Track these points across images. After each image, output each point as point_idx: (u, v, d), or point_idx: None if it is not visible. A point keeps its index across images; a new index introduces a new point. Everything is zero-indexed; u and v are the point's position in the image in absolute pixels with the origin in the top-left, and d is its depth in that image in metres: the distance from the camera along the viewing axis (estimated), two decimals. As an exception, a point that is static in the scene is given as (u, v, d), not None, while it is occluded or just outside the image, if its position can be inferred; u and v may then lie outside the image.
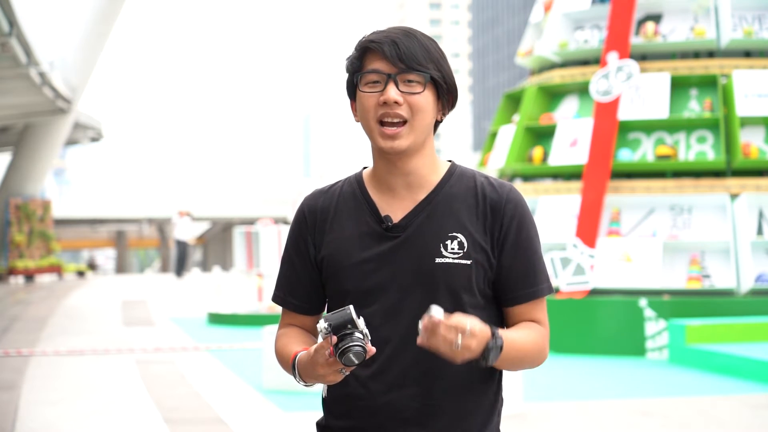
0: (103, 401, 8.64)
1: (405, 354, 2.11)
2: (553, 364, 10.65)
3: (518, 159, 12.76)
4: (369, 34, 2.18)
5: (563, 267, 11.56)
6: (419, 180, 2.18)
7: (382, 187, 2.19)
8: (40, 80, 25.46)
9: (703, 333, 10.48)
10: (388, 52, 2.11)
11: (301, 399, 8.34)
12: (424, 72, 2.11)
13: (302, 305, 2.26)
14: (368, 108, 2.14)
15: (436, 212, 2.15)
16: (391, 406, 2.12)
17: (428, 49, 2.14)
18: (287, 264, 2.27)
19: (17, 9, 19.87)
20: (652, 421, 7.62)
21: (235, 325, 15.26)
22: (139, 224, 67.73)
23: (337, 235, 2.18)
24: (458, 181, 2.19)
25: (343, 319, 1.95)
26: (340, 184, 2.27)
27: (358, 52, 2.17)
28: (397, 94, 2.11)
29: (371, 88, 2.14)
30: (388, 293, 2.12)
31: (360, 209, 2.19)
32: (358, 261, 2.14)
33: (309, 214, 2.23)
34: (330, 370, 1.99)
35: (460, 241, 2.13)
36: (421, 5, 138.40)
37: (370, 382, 2.13)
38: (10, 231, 30.83)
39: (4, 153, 39.41)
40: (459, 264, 2.12)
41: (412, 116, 2.12)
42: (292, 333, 2.25)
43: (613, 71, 12.11)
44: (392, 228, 2.15)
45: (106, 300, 21.43)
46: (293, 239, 2.26)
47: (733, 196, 11.67)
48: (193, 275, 32.10)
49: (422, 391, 2.12)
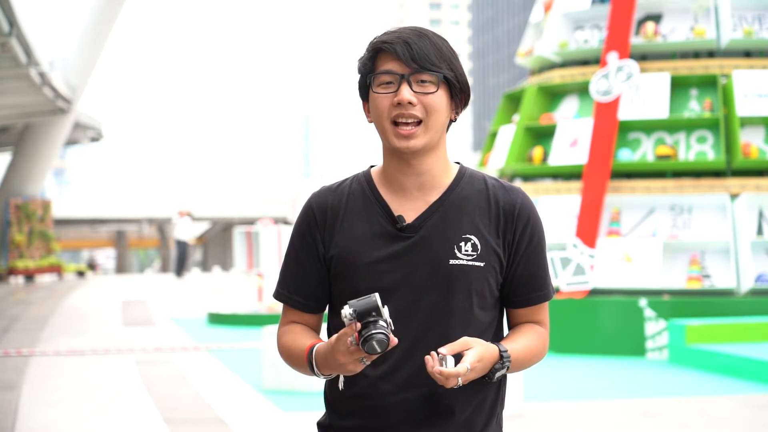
0: (103, 401, 8.64)
1: (415, 355, 2.11)
2: (553, 364, 10.65)
3: (518, 159, 12.76)
4: (380, 35, 2.17)
5: (563, 267, 11.55)
6: (432, 180, 2.17)
7: (393, 186, 2.18)
8: (40, 80, 25.46)
9: (703, 333, 10.47)
10: (401, 52, 2.10)
11: (301, 399, 8.34)
12: (437, 72, 2.11)
13: (308, 303, 2.24)
14: (382, 109, 2.13)
15: (449, 214, 2.15)
16: (400, 407, 2.12)
17: (440, 48, 2.14)
18: (293, 261, 2.24)
19: (17, 9, 19.87)
20: (652, 421, 7.62)
21: (235, 325, 15.26)
22: (139, 224, 67.74)
23: (348, 234, 2.17)
24: (469, 183, 2.20)
25: (368, 305, 1.93)
26: (348, 181, 2.25)
27: (369, 53, 2.16)
28: (411, 94, 2.10)
29: (384, 89, 2.13)
30: (400, 294, 2.12)
31: (371, 208, 2.18)
32: (371, 261, 2.13)
33: (318, 212, 2.21)
34: (351, 358, 1.97)
35: (473, 243, 2.14)
36: (421, 5, 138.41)
37: (380, 383, 2.12)
38: (10, 231, 30.84)
39: (4, 153, 39.41)
40: (473, 266, 2.13)
41: (426, 116, 2.12)
42: (298, 329, 2.23)
43: (613, 71, 12.11)
44: (406, 228, 2.14)
45: (106, 300, 21.43)
46: (300, 236, 2.23)
47: (733, 196, 11.67)
48: (193, 275, 32.11)
49: (431, 392, 2.12)
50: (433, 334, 2.11)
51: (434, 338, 2.11)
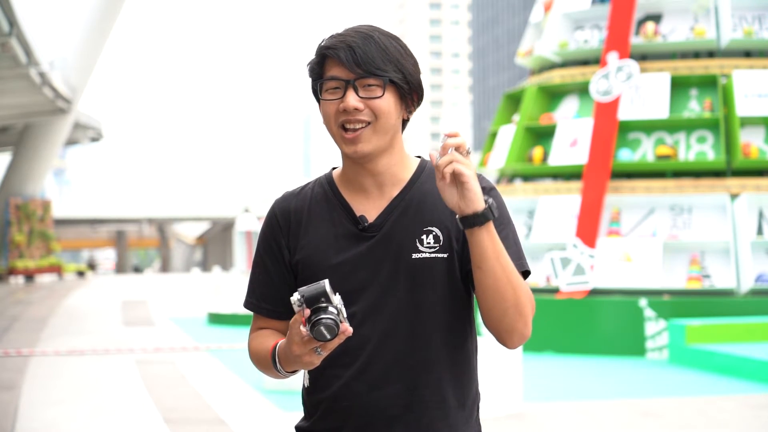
0: (103, 401, 8.64)
1: (386, 352, 2.10)
2: (553, 364, 10.65)
3: (518, 159, 12.76)
4: (327, 39, 2.16)
5: (563, 267, 11.55)
6: (390, 179, 2.17)
7: (353, 187, 2.18)
8: (40, 80, 25.47)
9: (703, 333, 10.47)
10: (344, 57, 2.09)
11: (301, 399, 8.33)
12: (382, 75, 2.09)
13: (276, 310, 2.22)
14: (330, 114, 2.13)
15: (409, 209, 2.15)
16: (374, 406, 2.11)
17: (387, 50, 2.11)
18: (260, 268, 2.23)
19: (17, 9, 19.88)
20: (652, 421, 7.62)
21: (235, 325, 15.26)
22: (139, 224, 67.76)
23: (312, 238, 2.16)
24: (429, 177, 2.19)
25: (316, 291, 1.91)
26: (311, 185, 2.25)
27: (317, 58, 2.15)
28: (357, 100, 2.09)
29: (332, 95, 2.12)
30: (368, 293, 2.11)
31: (334, 211, 2.17)
32: (336, 263, 2.13)
33: (282, 217, 2.20)
34: (305, 349, 1.95)
35: (435, 234, 2.13)
36: (421, 5, 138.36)
37: (352, 383, 2.11)
38: (10, 231, 30.84)
39: (4, 153, 39.41)
40: (436, 258, 2.11)
41: (375, 119, 2.11)
42: (266, 333, 2.23)
43: (613, 71, 12.11)
44: (368, 228, 2.14)
45: (106, 300, 21.43)
46: (266, 243, 2.22)
47: (733, 196, 11.67)
48: (193, 275, 32.08)
49: (405, 389, 2.11)
50: (402, 330, 2.10)
51: (403, 333, 2.10)
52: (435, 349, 2.11)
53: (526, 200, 12.65)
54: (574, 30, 13.19)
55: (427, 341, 2.10)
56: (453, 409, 2.15)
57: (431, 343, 2.11)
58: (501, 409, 7.65)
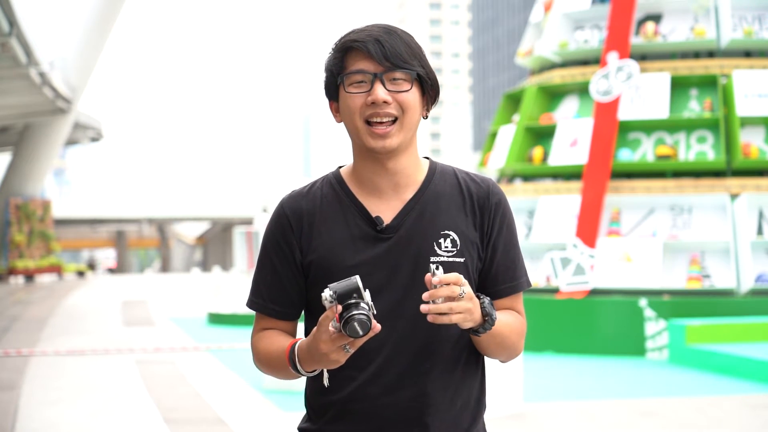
0: (103, 401, 8.64)
1: (402, 356, 2.09)
2: (553, 364, 10.65)
3: (518, 159, 12.76)
4: (349, 33, 2.14)
5: (563, 267, 11.55)
6: (406, 179, 2.15)
7: (367, 187, 2.16)
8: (40, 80, 25.47)
9: (703, 333, 10.47)
10: (373, 50, 2.07)
11: (301, 399, 8.32)
12: (410, 69, 2.09)
13: (284, 311, 2.19)
14: (355, 108, 2.10)
15: (425, 211, 2.14)
16: (389, 409, 2.10)
17: (410, 45, 2.11)
18: (267, 269, 2.19)
19: (17, 9, 19.88)
20: (652, 421, 7.62)
21: (235, 325, 15.26)
22: (139, 224, 67.74)
23: (325, 239, 2.13)
24: (441, 179, 2.18)
25: (349, 287, 1.89)
26: (319, 184, 2.21)
27: (339, 52, 2.12)
28: (386, 93, 2.08)
29: (357, 89, 2.10)
30: (384, 295, 2.09)
31: (347, 211, 2.15)
32: (353, 264, 2.10)
33: (293, 218, 2.16)
34: (334, 346, 1.92)
35: (452, 239, 2.12)
36: (421, 5, 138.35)
37: (368, 386, 2.10)
38: (10, 231, 30.85)
39: (4, 153, 39.42)
40: (454, 262, 2.11)
41: (402, 114, 2.10)
42: (274, 333, 2.19)
43: (613, 71, 12.11)
44: (385, 229, 2.12)
45: (106, 300, 21.43)
46: (275, 243, 2.18)
47: (733, 196, 11.67)
48: (193, 275, 32.09)
49: (419, 392, 2.10)
50: (420, 333, 2.09)
51: (421, 337, 2.09)
52: (449, 354, 2.11)
53: (526, 200, 12.65)
54: (574, 30, 13.19)
55: (442, 345, 2.10)
56: (463, 414, 2.15)
57: (446, 347, 2.10)
58: (501, 409, 7.65)
